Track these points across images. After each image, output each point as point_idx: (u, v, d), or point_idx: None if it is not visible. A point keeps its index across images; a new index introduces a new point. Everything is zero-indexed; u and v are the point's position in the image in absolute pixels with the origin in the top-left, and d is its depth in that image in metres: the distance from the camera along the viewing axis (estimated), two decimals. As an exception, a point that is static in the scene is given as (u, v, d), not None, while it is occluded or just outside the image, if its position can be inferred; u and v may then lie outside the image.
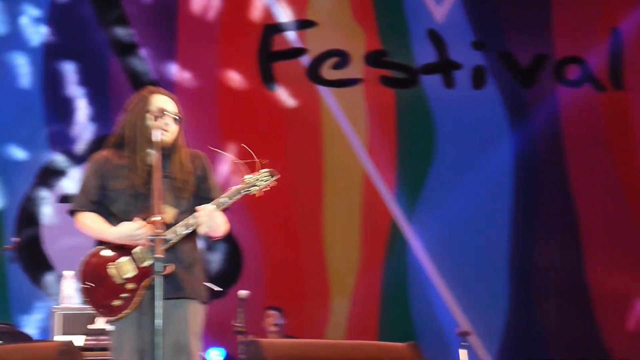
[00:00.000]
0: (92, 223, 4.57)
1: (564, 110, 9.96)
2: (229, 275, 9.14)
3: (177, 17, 9.57)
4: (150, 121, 4.62)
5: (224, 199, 4.53)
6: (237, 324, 7.04)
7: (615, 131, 9.88)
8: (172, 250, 4.47)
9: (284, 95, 9.68)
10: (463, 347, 7.26)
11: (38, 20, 9.29)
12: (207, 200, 4.57)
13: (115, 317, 4.47)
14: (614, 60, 10.04)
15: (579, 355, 9.04)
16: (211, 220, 4.50)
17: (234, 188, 4.55)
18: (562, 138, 9.89)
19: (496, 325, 9.43)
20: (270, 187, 4.52)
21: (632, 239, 9.58)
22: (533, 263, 9.65)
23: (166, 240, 4.37)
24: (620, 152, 9.83)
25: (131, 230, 4.43)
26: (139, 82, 8.88)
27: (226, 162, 8.81)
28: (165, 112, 4.63)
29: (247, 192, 4.52)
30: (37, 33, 9.26)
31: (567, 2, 10.11)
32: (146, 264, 4.42)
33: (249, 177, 4.53)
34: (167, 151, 4.62)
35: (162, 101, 4.70)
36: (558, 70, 10.02)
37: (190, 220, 4.49)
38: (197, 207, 4.48)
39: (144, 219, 4.41)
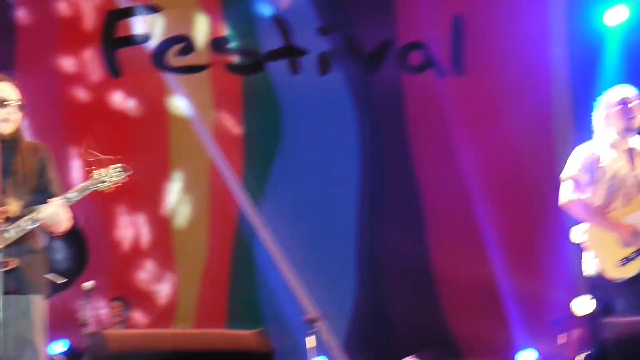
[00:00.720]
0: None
1: (407, 95, 10.10)
2: (74, 268, 8.94)
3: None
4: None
5: (72, 194, 4.47)
6: (82, 316, 6.93)
7: (457, 116, 10.09)
8: (15, 244, 4.36)
9: (129, 83, 9.52)
10: (311, 333, 7.32)
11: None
12: (46, 193, 4.48)
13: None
14: (455, 46, 10.24)
15: (425, 338, 9.24)
16: (57, 215, 4.42)
17: (83, 184, 4.49)
18: (406, 123, 10.04)
19: (344, 310, 9.53)
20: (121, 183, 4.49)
21: (476, 225, 9.80)
22: (380, 248, 9.78)
23: (9, 234, 4.27)
24: (462, 137, 10.05)
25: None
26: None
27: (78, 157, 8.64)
28: (5, 102, 4.49)
29: (96, 187, 4.47)
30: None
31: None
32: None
33: (98, 173, 4.47)
34: (8, 143, 4.48)
35: (1, 89, 4.55)
36: (401, 55, 10.16)
37: (35, 214, 4.39)
38: (48, 201, 4.39)
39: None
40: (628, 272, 5.62)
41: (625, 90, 5.91)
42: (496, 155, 9.96)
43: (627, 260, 5.62)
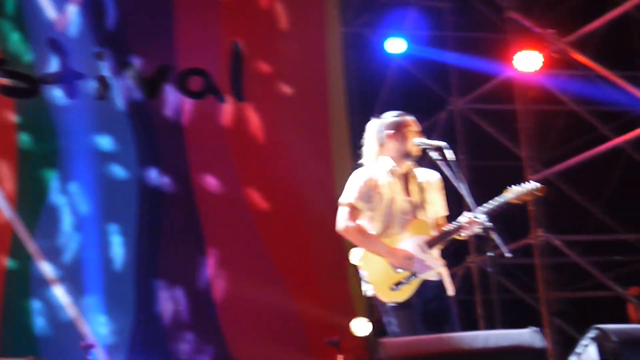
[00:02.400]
0: None
1: (187, 120, 10.08)
2: None
3: None
4: None
5: None
6: None
7: (238, 142, 10.16)
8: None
9: None
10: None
11: None
12: None
13: None
14: (235, 73, 10.32)
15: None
16: None
17: None
18: (187, 148, 10.00)
19: (122, 336, 9.36)
20: None
21: (256, 248, 9.88)
22: (158, 273, 9.68)
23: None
24: (243, 162, 10.12)
25: None
26: None
27: None
28: None
29: None
30: None
31: (189, 14, 10.26)
32: None
33: None
34: None
35: None
36: (181, 81, 10.14)
37: None
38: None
39: None
40: (400, 296, 5.75)
41: (402, 117, 6.01)
42: (277, 180, 10.10)
43: (399, 284, 5.77)
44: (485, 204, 5.66)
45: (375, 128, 6.00)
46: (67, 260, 9.31)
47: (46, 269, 9.24)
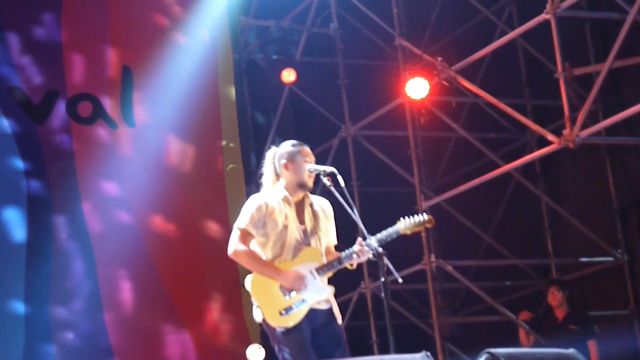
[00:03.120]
0: None
1: (77, 147, 9.90)
2: None
3: None
4: None
5: None
6: None
7: (129, 168, 10.02)
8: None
9: None
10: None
11: None
12: None
13: None
14: (125, 98, 10.20)
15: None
16: None
17: None
18: (76, 175, 9.82)
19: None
20: None
21: (151, 279, 9.79)
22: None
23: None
24: (132, 189, 9.99)
25: None
26: None
27: None
28: None
29: None
30: None
31: (77, 39, 10.12)
32: None
33: None
34: None
35: None
36: (71, 106, 9.96)
37: None
38: None
39: None
40: (289, 321, 5.79)
41: (298, 147, 6.07)
42: (170, 206, 10.03)
43: (288, 310, 5.81)
44: (378, 234, 5.74)
45: (272, 157, 6.08)
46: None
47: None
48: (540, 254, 11.36)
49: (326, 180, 5.85)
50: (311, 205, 6.04)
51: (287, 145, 6.09)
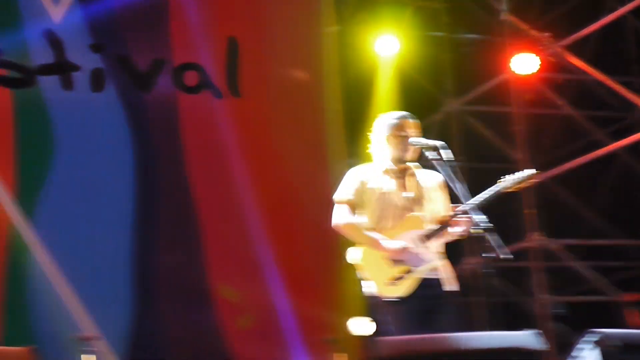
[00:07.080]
0: None
1: (183, 115, 10.04)
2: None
3: None
4: None
5: None
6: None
7: (234, 137, 10.14)
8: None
9: None
10: (86, 352, 7.15)
11: None
12: None
13: None
14: (230, 68, 10.30)
15: (202, 356, 9.21)
16: None
17: None
18: (182, 143, 9.97)
19: (121, 329, 9.32)
20: None
21: (254, 246, 9.86)
22: (155, 268, 9.63)
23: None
24: (238, 158, 10.09)
25: None
26: None
27: None
28: None
29: None
30: None
31: (184, 9, 10.23)
32: None
33: None
34: None
35: None
36: (177, 75, 10.10)
37: None
38: None
39: None
40: (398, 291, 5.77)
41: (401, 119, 6.04)
42: (272, 177, 10.09)
43: (396, 280, 5.76)
44: (481, 194, 5.65)
45: (376, 128, 6.06)
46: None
47: (44, 262, 9.19)
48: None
49: (432, 154, 5.78)
50: (416, 175, 6.01)
51: (392, 117, 6.06)
